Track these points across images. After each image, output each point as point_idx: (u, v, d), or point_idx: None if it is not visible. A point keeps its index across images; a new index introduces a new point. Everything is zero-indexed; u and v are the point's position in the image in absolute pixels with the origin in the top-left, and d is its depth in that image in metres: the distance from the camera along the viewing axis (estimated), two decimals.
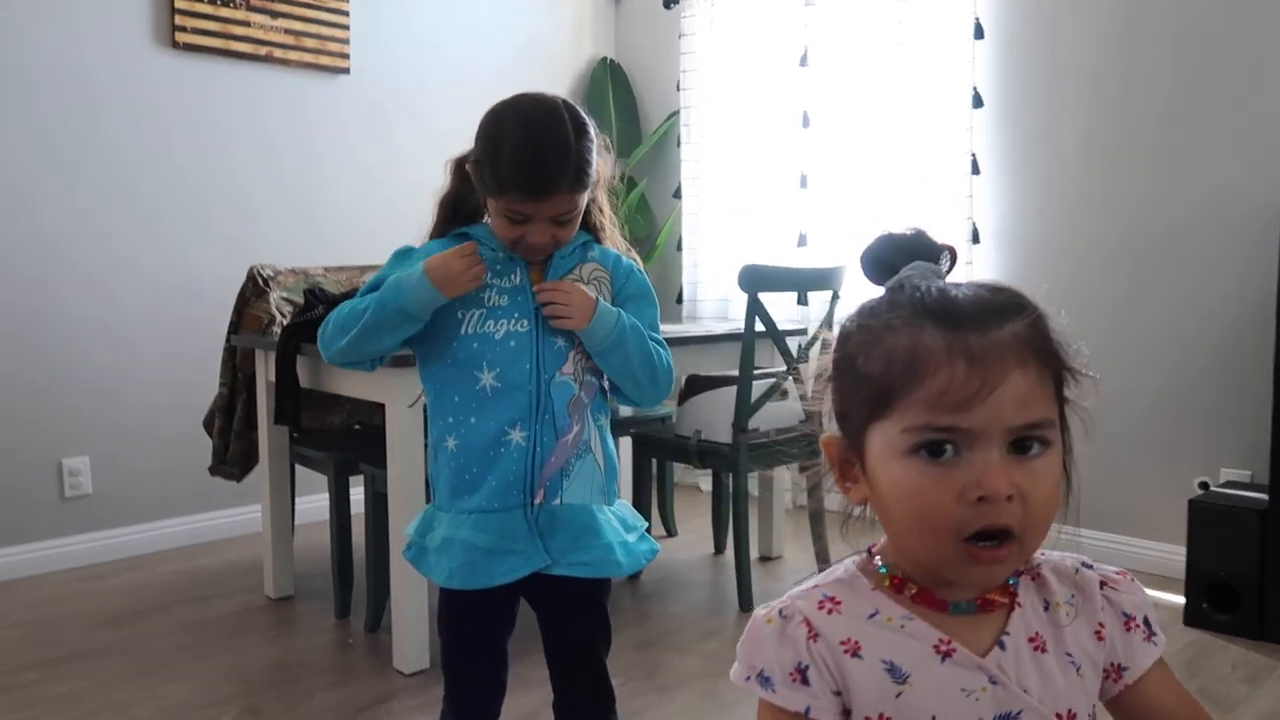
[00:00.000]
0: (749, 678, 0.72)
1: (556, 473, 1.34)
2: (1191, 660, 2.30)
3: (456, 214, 1.44)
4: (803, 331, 3.04)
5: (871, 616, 0.72)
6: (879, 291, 0.74)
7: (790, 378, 2.69)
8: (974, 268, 3.17)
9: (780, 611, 0.73)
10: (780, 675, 0.71)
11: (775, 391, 2.66)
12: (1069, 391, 0.71)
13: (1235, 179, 2.74)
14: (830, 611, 0.73)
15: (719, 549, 3.17)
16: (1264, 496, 2.45)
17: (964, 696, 0.70)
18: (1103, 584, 0.76)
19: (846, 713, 0.71)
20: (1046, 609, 0.74)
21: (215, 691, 2.16)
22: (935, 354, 0.66)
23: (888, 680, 0.70)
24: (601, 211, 1.46)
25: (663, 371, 1.42)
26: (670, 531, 3.36)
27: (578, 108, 1.36)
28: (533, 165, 1.29)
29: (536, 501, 1.33)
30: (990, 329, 0.67)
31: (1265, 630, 2.40)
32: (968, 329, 0.67)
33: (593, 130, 1.36)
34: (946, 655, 0.70)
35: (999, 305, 0.69)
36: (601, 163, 1.39)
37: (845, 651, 0.71)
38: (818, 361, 0.77)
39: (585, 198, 1.36)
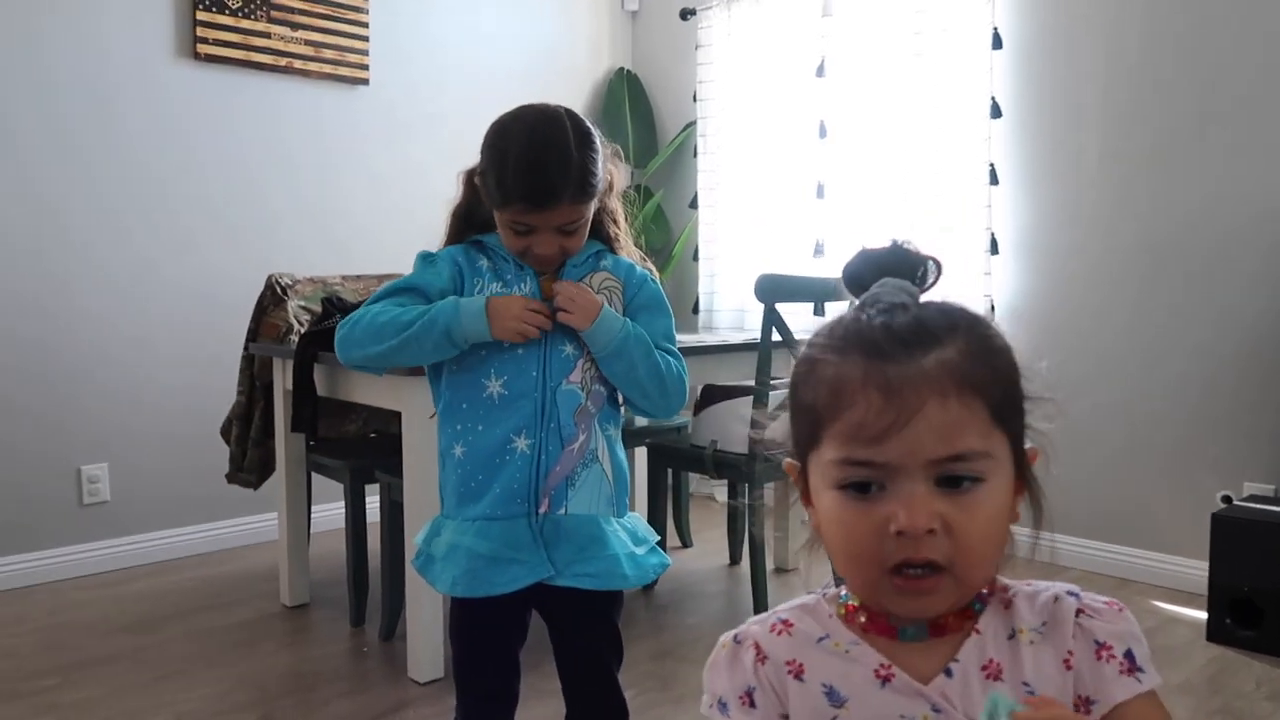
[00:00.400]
0: (712, 705, 0.72)
1: (561, 482, 1.33)
2: (1214, 677, 2.27)
3: (469, 225, 1.44)
4: None
5: (820, 640, 0.72)
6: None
7: None
8: (993, 279, 3.15)
9: (735, 637, 0.74)
10: (734, 700, 0.71)
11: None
12: (1032, 417, 0.69)
13: (1255, 186, 2.71)
14: (780, 634, 0.73)
15: (734, 560, 3.16)
16: None
17: None
18: (1079, 612, 0.71)
19: None
20: (1011, 637, 0.70)
21: (230, 699, 2.16)
22: (854, 385, 0.65)
23: (825, 704, 0.69)
24: (616, 222, 1.45)
25: (673, 382, 1.41)
26: (686, 542, 3.35)
27: (582, 118, 1.35)
28: (535, 177, 1.28)
29: (541, 510, 1.33)
30: (912, 358, 0.65)
31: None
32: (888, 359, 0.65)
33: (598, 140, 1.35)
34: (886, 680, 0.69)
35: (929, 331, 0.66)
36: (615, 171, 1.39)
37: (789, 673, 0.70)
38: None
39: (590, 208, 1.35)
